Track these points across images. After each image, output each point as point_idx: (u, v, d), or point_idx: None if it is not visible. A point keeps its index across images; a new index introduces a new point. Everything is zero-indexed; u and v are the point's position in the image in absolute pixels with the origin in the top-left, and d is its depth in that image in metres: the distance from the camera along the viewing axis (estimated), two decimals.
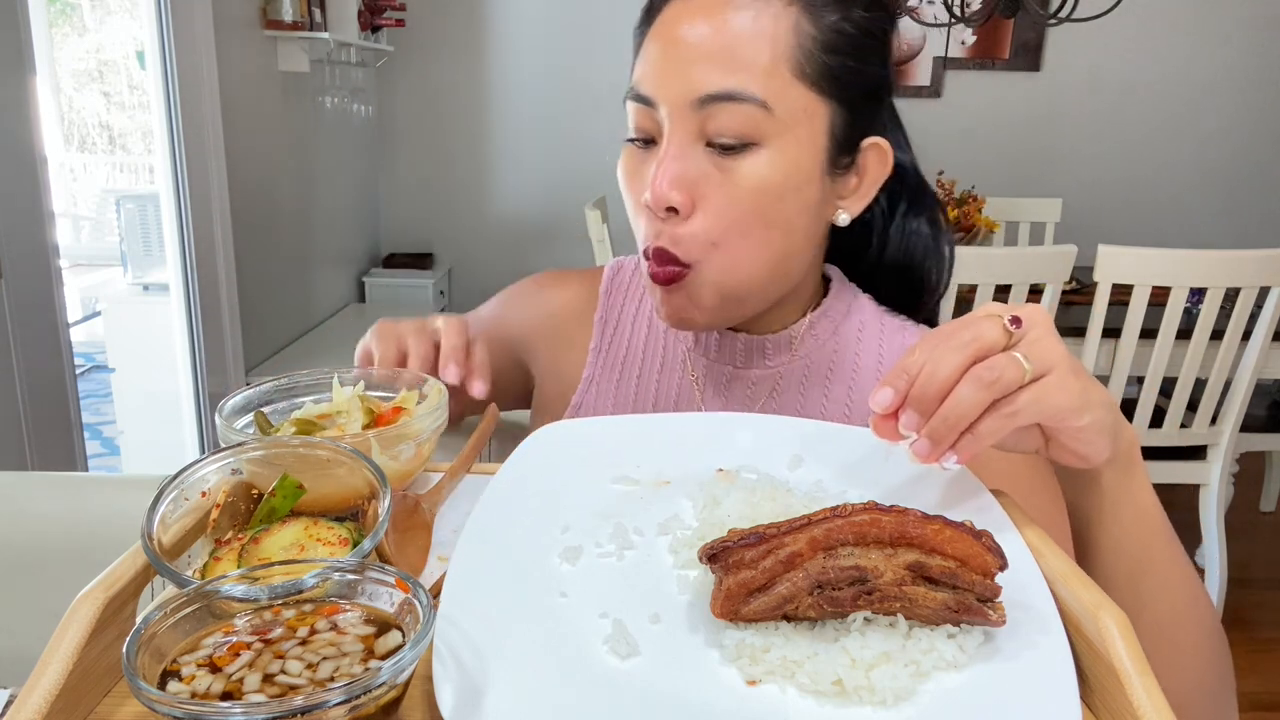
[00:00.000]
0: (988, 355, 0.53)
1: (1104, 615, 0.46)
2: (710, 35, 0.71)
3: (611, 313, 0.92)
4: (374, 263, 4.16)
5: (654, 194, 0.72)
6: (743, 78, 0.70)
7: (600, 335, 0.92)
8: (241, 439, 0.59)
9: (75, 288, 3.06)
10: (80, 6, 2.58)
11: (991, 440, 0.54)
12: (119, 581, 0.48)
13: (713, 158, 0.72)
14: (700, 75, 0.71)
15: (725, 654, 0.46)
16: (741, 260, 0.74)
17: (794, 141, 0.72)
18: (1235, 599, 2.67)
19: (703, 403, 0.87)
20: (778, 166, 0.72)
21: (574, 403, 0.91)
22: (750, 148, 0.72)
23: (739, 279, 0.75)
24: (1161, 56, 4.01)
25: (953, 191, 2.79)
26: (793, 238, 0.76)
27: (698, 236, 0.73)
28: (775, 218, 0.73)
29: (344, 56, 3.63)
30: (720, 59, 0.71)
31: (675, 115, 0.72)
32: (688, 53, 0.72)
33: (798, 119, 0.72)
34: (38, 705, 0.42)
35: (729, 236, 0.73)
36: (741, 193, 0.72)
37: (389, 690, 0.39)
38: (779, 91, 0.71)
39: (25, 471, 0.86)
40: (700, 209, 0.73)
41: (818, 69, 0.72)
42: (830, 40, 0.73)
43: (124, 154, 4.42)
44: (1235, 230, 4.15)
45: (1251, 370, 2.38)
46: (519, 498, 0.58)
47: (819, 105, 0.73)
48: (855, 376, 0.84)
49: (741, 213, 0.72)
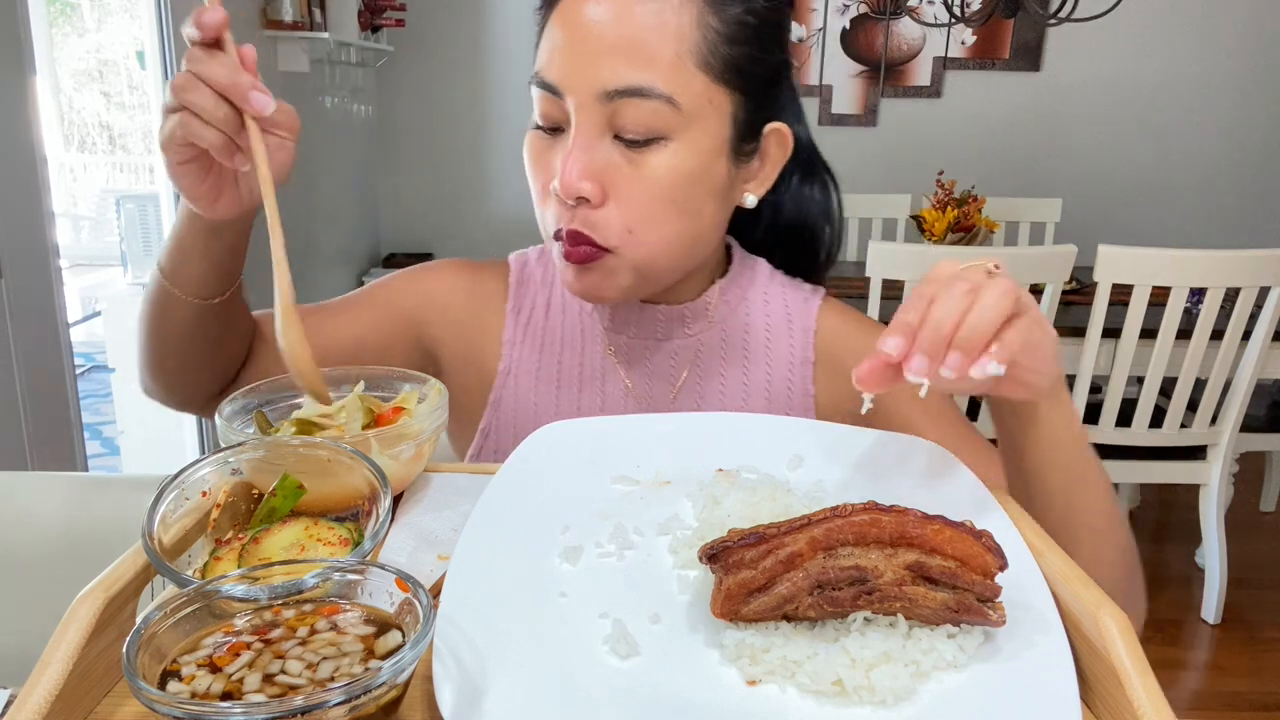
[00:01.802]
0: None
1: (1104, 615, 0.46)
2: (615, 26, 0.71)
3: (524, 303, 0.93)
4: (374, 263, 4.16)
5: (564, 184, 0.73)
6: (650, 73, 0.71)
7: (514, 326, 0.92)
8: (241, 439, 0.59)
9: (75, 288, 3.06)
10: (80, 6, 2.58)
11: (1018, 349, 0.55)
12: (119, 581, 0.48)
13: (621, 149, 0.74)
14: (608, 69, 0.71)
15: (725, 654, 0.46)
16: (656, 245, 0.76)
17: (701, 133, 0.74)
18: (1235, 599, 2.67)
19: (627, 379, 0.88)
20: (685, 159, 0.74)
21: (493, 399, 0.91)
22: (658, 141, 0.73)
23: (654, 261, 0.77)
24: (1161, 57, 4.01)
25: (953, 191, 2.79)
26: (703, 222, 0.78)
27: (613, 223, 0.74)
28: (686, 206, 0.76)
29: (344, 56, 3.63)
30: (626, 52, 0.71)
31: (582, 106, 0.73)
32: (594, 44, 0.72)
33: (704, 111, 0.74)
34: (38, 705, 0.42)
35: (643, 224, 0.75)
36: (652, 185, 0.74)
37: (389, 690, 0.39)
38: (685, 86, 0.72)
39: (25, 471, 0.86)
40: (612, 198, 0.74)
41: (722, 61, 0.73)
42: (733, 32, 0.74)
43: (124, 154, 4.42)
44: (1235, 230, 4.15)
45: (1251, 370, 2.38)
46: (519, 498, 0.58)
47: (724, 96, 0.75)
48: (769, 338, 0.88)
49: (653, 203, 0.74)
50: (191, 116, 0.63)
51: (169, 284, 0.75)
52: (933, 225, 2.72)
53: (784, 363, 0.88)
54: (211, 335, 0.80)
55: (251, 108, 0.63)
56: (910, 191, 3.60)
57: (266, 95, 0.64)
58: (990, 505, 0.57)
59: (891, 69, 4.06)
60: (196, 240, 0.73)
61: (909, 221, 2.97)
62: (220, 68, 0.63)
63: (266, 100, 0.63)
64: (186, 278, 0.75)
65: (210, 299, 0.77)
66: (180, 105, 0.63)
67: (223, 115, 0.63)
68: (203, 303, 0.76)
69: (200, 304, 0.76)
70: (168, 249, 0.76)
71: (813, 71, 4.06)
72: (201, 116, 0.63)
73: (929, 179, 3.25)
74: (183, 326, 0.78)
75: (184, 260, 0.75)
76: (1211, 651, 2.52)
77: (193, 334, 0.78)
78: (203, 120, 0.63)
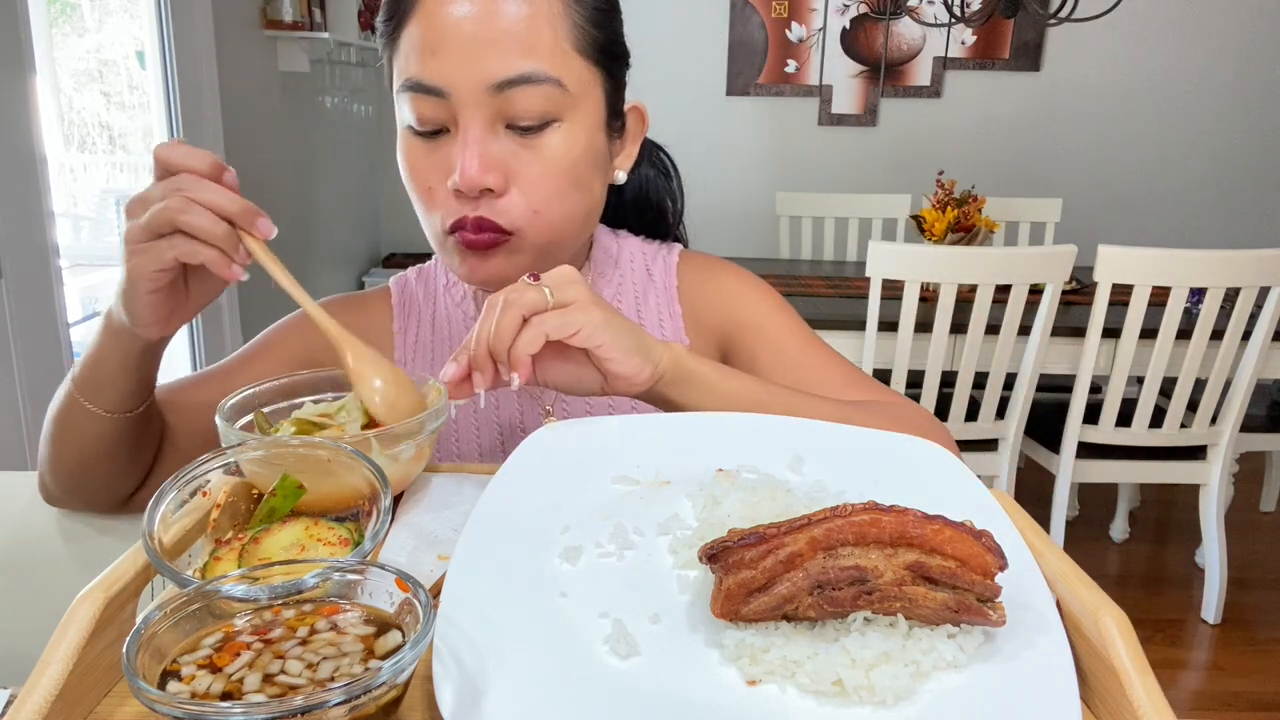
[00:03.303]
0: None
1: (1104, 615, 0.46)
2: (490, 19, 0.73)
3: (409, 322, 0.95)
4: (374, 263, 4.16)
5: (466, 179, 0.74)
6: (535, 60, 0.74)
7: (402, 347, 0.94)
8: (241, 439, 0.59)
9: (75, 288, 3.06)
10: (80, 6, 2.58)
11: (531, 348, 0.64)
12: (119, 581, 0.48)
13: (515, 137, 0.76)
14: (495, 61, 0.73)
15: (725, 654, 0.46)
16: (560, 222, 0.79)
17: (584, 113, 0.78)
18: (1235, 599, 2.67)
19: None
20: (577, 136, 0.78)
21: None
22: (551, 124, 0.76)
23: (557, 239, 0.80)
24: (1161, 56, 4.01)
25: (953, 191, 2.79)
26: (594, 197, 0.83)
27: (519, 206, 0.77)
28: (581, 182, 0.80)
29: (344, 56, 3.63)
30: (508, 43, 0.73)
31: (471, 102, 0.74)
32: (470, 40, 0.73)
33: (585, 91, 0.78)
34: (38, 705, 0.42)
35: (547, 204, 0.78)
36: (552, 166, 0.77)
37: (389, 690, 0.39)
38: (567, 67, 0.75)
39: (25, 471, 0.86)
40: (515, 185, 0.76)
41: (590, 42, 0.77)
42: (593, 15, 0.78)
43: (124, 154, 4.40)
44: (1235, 230, 4.15)
45: (1251, 370, 2.38)
46: (519, 498, 0.58)
47: (595, 75, 0.79)
48: (640, 298, 0.94)
49: (555, 183, 0.77)
50: (185, 238, 0.64)
51: (87, 402, 0.74)
52: (933, 225, 2.72)
53: (656, 319, 0.93)
54: (129, 442, 0.79)
55: (259, 232, 0.66)
56: (910, 191, 3.61)
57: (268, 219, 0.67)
58: (990, 505, 0.57)
59: (891, 69, 4.06)
60: (127, 361, 0.73)
61: (909, 221, 2.96)
62: (224, 198, 0.65)
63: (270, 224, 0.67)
64: (109, 396, 0.74)
65: (131, 411, 0.76)
66: (171, 230, 0.64)
67: (223, 234, 0.65)
68: (123, 416, 0.76)
69: (120, 417, 0.76)
70: (83, 374, 0.74)
71: (813, 71, 4.06)
72: (201, 238, 0.64)
73: (929, 179, 3.25)
74: (102, 441, 0.77)
75: (107, 382, 0.74)
76: (1211, 651, 2.52)
77: (113, 445, 0.78)
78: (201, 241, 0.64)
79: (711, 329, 0.94)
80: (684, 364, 0.72)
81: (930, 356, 2.35)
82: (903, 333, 2.32)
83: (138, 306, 0.68)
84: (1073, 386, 2.42)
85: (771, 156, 4.18)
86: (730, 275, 0.95)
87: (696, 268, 0.96)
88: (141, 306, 0.68)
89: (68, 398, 0.75)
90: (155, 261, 0.65)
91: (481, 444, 0.91)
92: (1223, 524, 2.56)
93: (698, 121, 4.10)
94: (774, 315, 0.92)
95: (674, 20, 4.02)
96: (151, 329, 0.70)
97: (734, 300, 0.93)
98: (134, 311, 0.68)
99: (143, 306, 0.68)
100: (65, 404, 0.76)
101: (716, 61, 4.08)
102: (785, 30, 4.03)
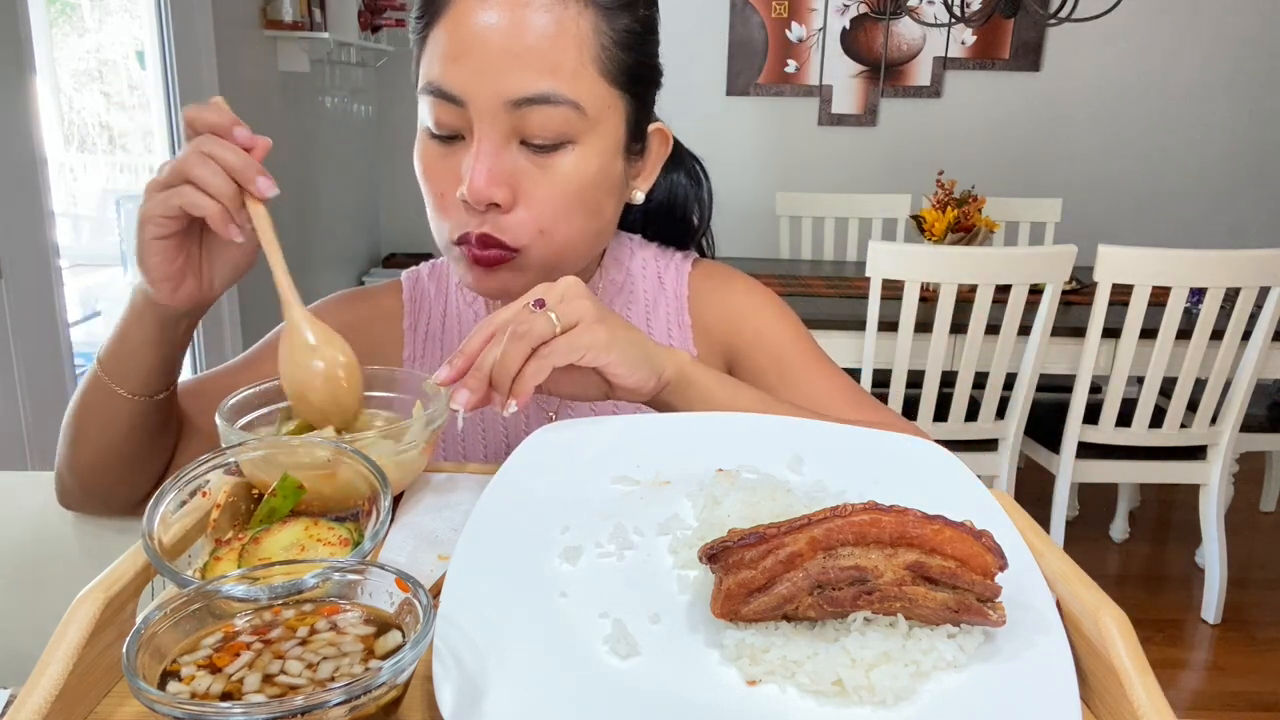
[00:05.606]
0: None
1: (1104, 615, 0.46)
2: (516, 35, 0.72)
3: (420, 318, 0.95)
4: (374, 263, 4.15)
5: (474, 192, 0.74)
6: (556, 81, 0.73)
7: (413, 343, 0.94)
8: (241, 439, 0.59)
9: (75, 288, 3.06)
10: (80, 6, 2.58)
11: (537, 379, 0.64)
12: (119, 581, 0.48)
13: (528, 154, 0.75)
14: (515, 78, 0.72)
15: (725, 654, 0.46)
16: (564, 244, 0.79)
17: (601, 136, 0.77)
18: (1235, 599, 2.67)
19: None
20: (590, 160, 0.77)
21: None
22: (565, 145, 0.76)
23: (562, 259, 0.80)
24: (1162, 57, 4.01)
25: (953, 191, 2.79)
26: (604, 219, 0.82)
27: (525, 225, 0.76)
28: (591, 205, 0.79)
29: (344, 56, 3.63)
30: (531, 60, 0.72)
31: (488, 114, 0.73)
32: (495, 53, 0.72)
33: (604, 115, 0.77)
34: (38, 705, 0.42)
35: (554, 225, 0.77)
36: (561, 187, 0.76)
37: (389, 690, 0.39)
38: (588, 91, 0.75)
39: (25, 471, 0.86)
40: (522, 202, 0.76)
41: (617, 66, 0.77)
42: (624, 39, 0.77)
43: (124, 154, 4.41)
44: (1235, 230, 4.15)
45: (1251, 370, 2.38)
46: (519, 498, 0.58)
47: (618, 100, 0.78)
48: (650, 307, 0.94)
49: (564, 204, 0.77)
50: (192, 188, 0.66)
51: (111, 381, 0.75)
52: (933, 225, 2.71)
53: (665, 329, 0.93)
54: (151, 430, 0.79)
55: (257, 190, 0.67)
56: (910, 191, 3.60)
57: (270, 180, 0.67)
58: (990, 505, 0.57)
59: (891, 69, 4.06)
60: (148, 334, 0.74)
61: (909, 221, 2.96)
62: (232, 153, 0.66)
63: (270, 184, 0.67)
64: (133, 375, 0.75)
65: (155, 395, 0.77)
66: (181, 180, 0.66)
67: (227, 190, 0.66)
68: (146, 399, 0.76)
69: (143, 401, 0.76)
70: (111, 347, 0.75)
71: (813, 71, 4.06)
72: (206, 189, 0.66)
73: (929, 179, 3.25)
74: (124, 425, 0.77)
75: (131, 356, 0.75)
76: (1211, 651, 2.52)
77: (133, 432, 0.78)
78: (205, 192, 0.66)
79: (719, 340, 0.94)
80: (687, 372, 0.72)
81: (930, 356, 2.35)
82: (903, 333, 2.32)
83: (146, 254, 0.69)
84: (1073, 386, 2.42)
85: (771, 156, 4.18)
86: (740, 287, 0.95)
87: (709, 278, 0.96)
88: (149, 254, 0.69)
89: (93, 378, 0.76)
90: (161, 206, 0.67)
91: (487, 445, 0.91)
92: (1223, 524, 2.56)
93: (698, 121, 4.10)
94: (780, 330, 0.92)
95: (674, 20, 4.01)
96: (163, 288, 0.70)
97: (742, 312, 0.93)
98: (145, 265, 0.69)
99: (150, 254, 0.69)
100: (89, 385, 0.77)
101: (716, 61, 4.08)
102: (785, 30, 4.03)
